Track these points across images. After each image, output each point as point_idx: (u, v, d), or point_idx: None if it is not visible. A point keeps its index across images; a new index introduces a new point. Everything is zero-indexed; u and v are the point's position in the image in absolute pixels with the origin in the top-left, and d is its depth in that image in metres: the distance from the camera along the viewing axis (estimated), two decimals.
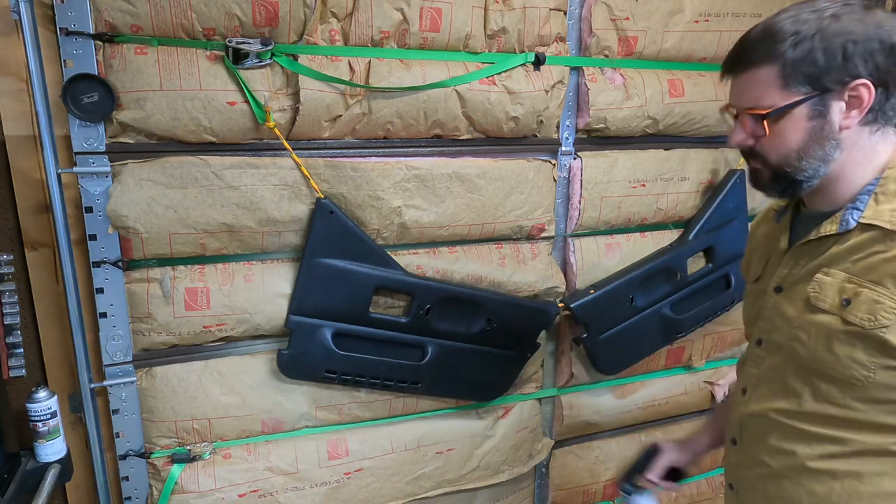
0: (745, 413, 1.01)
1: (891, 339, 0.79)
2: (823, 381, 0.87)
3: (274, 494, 1.53)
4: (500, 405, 1.81)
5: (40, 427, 1.30)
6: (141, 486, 1.49)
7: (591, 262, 1.78)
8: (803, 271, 0.91)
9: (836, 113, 0.83)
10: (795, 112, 0.83)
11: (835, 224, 0.87)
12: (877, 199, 0.84)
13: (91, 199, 1.31)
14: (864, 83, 0.80)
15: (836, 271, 0.85)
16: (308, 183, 1.42)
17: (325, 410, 1.59)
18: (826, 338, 0.85)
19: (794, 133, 0.84)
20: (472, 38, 1.49)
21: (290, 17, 1.31)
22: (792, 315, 0.91)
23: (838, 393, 0.86)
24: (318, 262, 1.44)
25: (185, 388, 1.44)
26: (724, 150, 1.87)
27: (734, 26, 1.75)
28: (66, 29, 1.20)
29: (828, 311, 0.85)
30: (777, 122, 0.84)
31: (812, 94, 0.82)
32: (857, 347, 0.82)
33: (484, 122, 1.54)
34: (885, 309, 0.79)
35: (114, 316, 1.38)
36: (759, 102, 0.85)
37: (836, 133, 0.84)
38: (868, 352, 0.81)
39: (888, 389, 0.82)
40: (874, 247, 0.82)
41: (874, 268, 0.81)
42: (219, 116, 1.31)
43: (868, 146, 0.85)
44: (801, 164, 0.85)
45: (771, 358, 0.97)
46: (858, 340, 0.82)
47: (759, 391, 0.99)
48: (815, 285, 0.87)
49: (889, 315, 0.79)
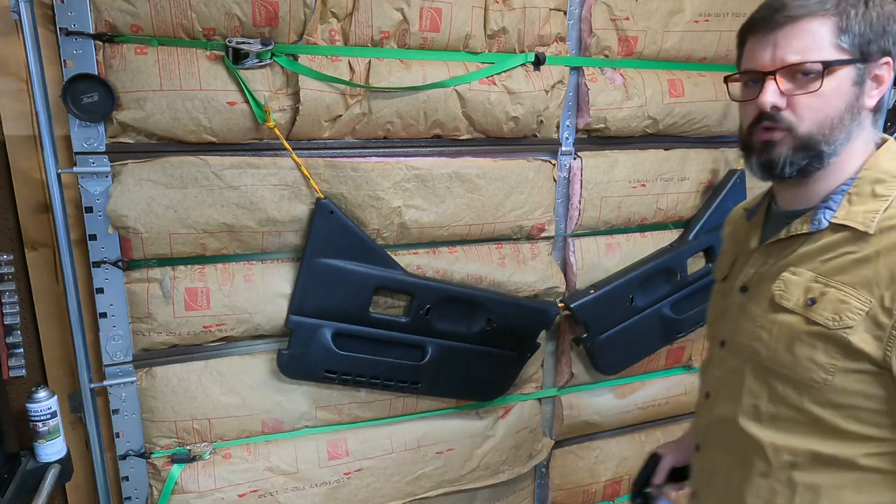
0: (709, 418, 0.99)
1: (854, 340, 0.77)
2: (781, 382, 0.85)
3: (274, 494, 1.53)
4: (500, 405, 1.81)
5: (40, 427, 1.30)
6: (141, 486, 1.49)
7: (591, 262, 1.78)
8: (771, 270, 0.89)
9: (868, 87, 0.81)
10: (844, 72, 0.79)
11: (806, 223, 0.85)
12: (850, 200, 0.82)
13: (91, 199, 1.31)
14: (891, 62, 0.80)
15: (804, 270, 0.83)
16: (308, 183, 1.42)
17: (325, 410, 1.59)
18: (788, 338, 0.83)
19: (838, 96, 0.80)
20: (472, 38, 1.49)
21: (290, 17, 1.31)
22: (756, 314, 0.89)
23: (795, 395, 0.83)
24: (318, 262, 1.44)
25: (185, 388, 1.44)
26: (724, 150, 1.87)
27: (734, 26, 1.74)
28: (66, 29, 1.20)
29: (792, 310, 0.83)
30: (825, 79, 0.79)
31: (859, 56, 0.79)
32: (817, 349, 0.80)
33: (484, 122, 1.54)
34: (851, 309, 0.77)
35: (114, 316, 1.38)
36: (807, 55, 0.79)
37: (862, 109, 0.82)
38: (829, 353, 0.79)
39: (846, 394, 0.80)
40: (845, 247, 0.80)
41: (844, 268, 0.79)
42: (219, 116, 1.31)
43: (867, 136, 0.84)
44: (830, 134, 0.81)
45: (733, 359, 0.94)
46: (820, 341, 0.80)
47: (722, 394, 0.96)
48: (780, 284, 0.85)
49: (854, 316, 0.77)
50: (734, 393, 0.92)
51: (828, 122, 0.81)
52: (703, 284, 1.87)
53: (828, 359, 0.79)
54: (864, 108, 0.82)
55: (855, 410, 0.80)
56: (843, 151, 0.82)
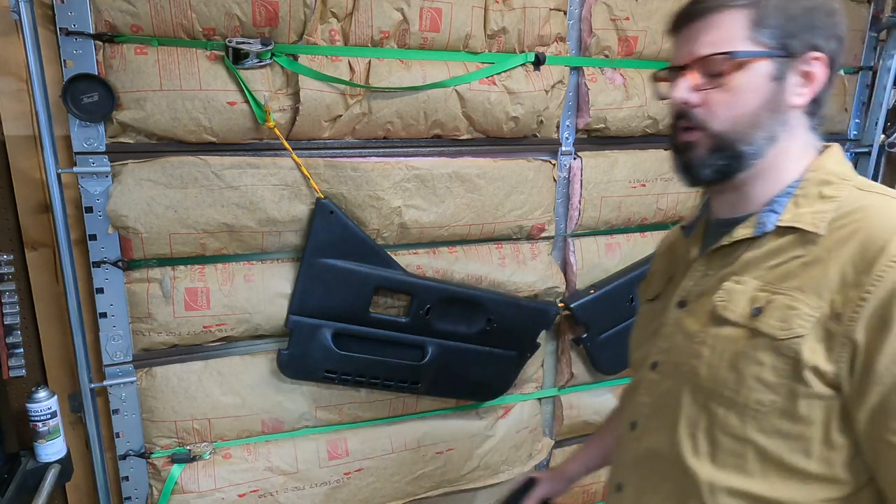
0: (636, 452, 0.87)
1: (804, 351, 0.68)
2: (722, 406, 0.75)
3: (274, 494, 1.53)
4: (500, 405, 1.81)
5: (40, 427, 1.30)
6: (141, 486, 1.49)
7: (591, 262, 1.78)
8: (711, 281, 0.81)
9: (792, 84, 0.74)
10: (758, 66, 0.73)
11: (749, 227, 0.78)
12: (796, 203, 0.76)
13: (91, 199, 1.31)
14: (823, 58, 0.74)
15: (749, 279, 0.76)
16: (308, 183, 1.42)
17: (325, 410, 1.59)
18: (731, 354, 0.75)
19: (751, 92, 0.74)
20: (472, 38, 1.49)
21: (290, 17, 1.31)
22: (694, 330, 0.80)
23: (738, 421, 0.74)
24: (318, 262, 1.44)
25: (185, 388, 1.44)
26: None
27: None
28: (66, 29, 1.20)
29: (735, 322, 0.75)
30: (736, 73, 0.73)
31: (778, 50, 0.73)
32: (764, 364, 0.71)
33: (484, 122, 1.54)
34: (801, 316, 0.69)
35: (114, 316, 1.38)
36: (717, 48, 0.74)
37: (785, 107, 0.75)
38: (777, 369, 0.70)
39: (795, 419, 0.70)
40: (793, 251, 0.74)
41: (792, 273, 0.72)
42: (219, 116, 1.31)
43: (801, 140, 0.78)
44: (747, 132, 0.75)
45: (668, 382, 0.84)
46: (767, 355, 0.71)
47: (653, 424, 0.85)
48: (722, 294, 0.77)
49: (804, 323, 0.69)
50: (668, 421, 0.82)
51: (742, 119, 0.75)
52: None
53: (775, 376, 0.71)
54: (789, 106, 0.75)
55: (805, 442, 0.70)
56: (771, 153, 0.76)
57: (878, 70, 2.01)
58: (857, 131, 2.08)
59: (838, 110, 2.00)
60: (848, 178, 0.76)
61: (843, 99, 1.99)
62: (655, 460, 0.84)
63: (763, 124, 0.75)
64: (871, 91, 2.04)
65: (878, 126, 2.02)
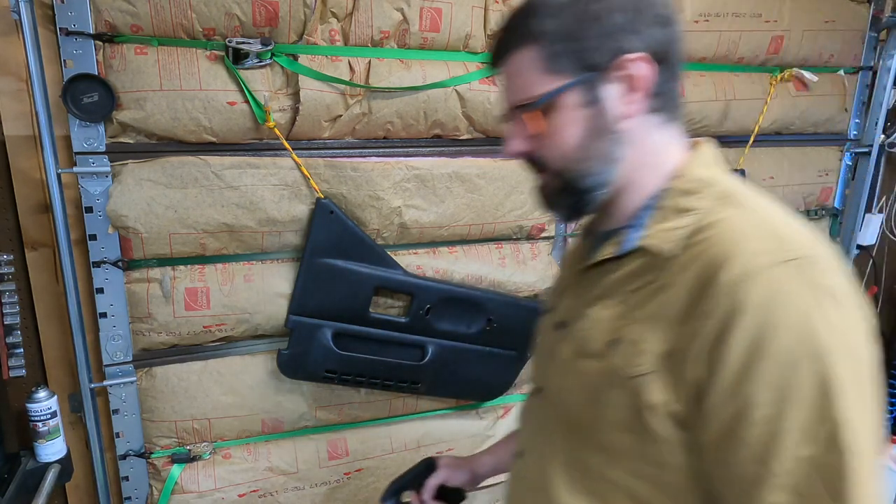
0: (521, 485, 0.82)
1: (649, 391, 0.62)
2: (590, 445, 0.69)
3: (274, 494, 1.53)
4: (500, 405, 1.81)
5: (40, 427, 1.30)
6: (141, 486, 1.49)
7: None
8: (581, 303, 0.73)
9: (613, 98, 0.66)
10: (566, 99, 0.67)
11: (613, 246, 0.70)
12: (656, 218, 0.67)
13: (91, 199, 1.31)
14: (642, 57, 0.65)
15: (612, 304, 0.68)
16: (308, 183, 1.42)
17: (325, 410, 1.59)
18: (592, 388, 0.68)
19: (570, 126, 0.67)
20: (472, 38, 1.49)
21: (290, 17, 1.31)
22: (566, 358, 0.73)
23: (603, 460, 0.68)
24: (318, 262, 1.44)
25: (185, 388, 1.44)
26: (724, 150, 1.87)
27: (734, 26, 1.75)
28: (66, 29, 1.20)
29: (594, 354, 0.68)
30: (550, 114, 0.68)
31: (580, 75, 0.66)
32: (617, 405, 0.65)
33: (484, 122, 1.54)
34: (645, 351, 0.62)
35: (114, 316, 1.38)
36: (526, 93, 0.68)
37: (616, 124, 0.67)
38: (630, 410, 0.64)
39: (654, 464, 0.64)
40: (647, 274, 0.65)
41: (644, 301, 0.65)
42: (219, 116, 1.31)
43: (657, 144, 0.70)
44: (583, 166, 0.69)
45: (547, 411, 0.78)
46: (619, 394, 0.65)
47: (534, 455, 0.80)
48: (586, 322, 0.71)
49: (648, 359, 0.62)
50: (544, 454, 0.76)
51: (571, 155, 0.68)
52: None
53: (628, 416, 0.64)
54: (622, 119, 0.67)
55: (675, 489, 0.64)
56: (622, 171, 0.69)
57: (878, 70, 2.01)
58: (857, 131, 2.08)
59: (838, 110, 2.00)
60: (713, 184, 0.67)
61: (843, 99, 1.99)
62: (535, 496, 0.78)
63: (596, 152, 0.68)
64: (871, 91, 2.03)
65: (878, 126, 2.02)
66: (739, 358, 0.56)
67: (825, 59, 1.93)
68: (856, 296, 0.59)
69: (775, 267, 0.57)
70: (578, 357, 0.71)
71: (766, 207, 0.64)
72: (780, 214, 0.64)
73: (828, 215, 2.13)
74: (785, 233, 0.60)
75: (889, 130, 2.12)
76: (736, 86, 1.80)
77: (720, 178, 0.68)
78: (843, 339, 0.56)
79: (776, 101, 1.87)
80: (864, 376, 0.57)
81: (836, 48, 1.93)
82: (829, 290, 0.56)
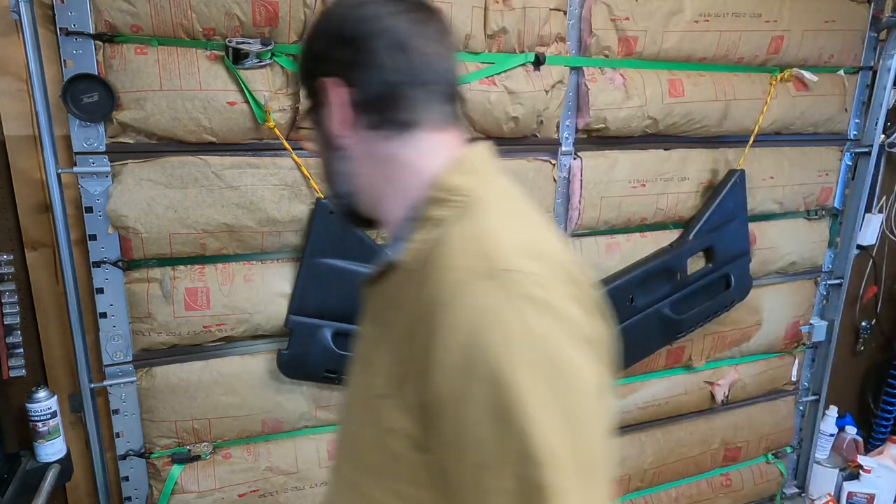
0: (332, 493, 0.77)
1: (386, 412, 0.59)
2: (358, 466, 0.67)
3: (274, 494, 1.53)
4: None
5: (40, 427, 1.30)
6: (141, 486, 1.49)
7: (591, 262, 1.77)
8: (364, 320, 0.73)
9: (327, 119, 0.69)
10: (312, 118, 0.74)
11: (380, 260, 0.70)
12: (418, 227, 0.64)
13: (91, 199, 1.31)
14: (332, 81, 0.67)
15: (376, 321, 0.68)
16: (308, 183, 1.42)
17: (325, 410, 1.59)
18: (357, 405, 0.67)
19: (316, 143, 0.75)
20: (472, 38, 1.49)
21: (290, 17, 1.31)
22: (350, 375, 0.73)
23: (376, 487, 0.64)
24: (318, 262, 1.44)
25: (184, 388, 1.44)
26: (724, 150, 1.87)
27: (734, 26, 1.75)
28: (66, 29, 1.20)
29: (358, 372, 0.69)
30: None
31: (309, 97, 0.73)
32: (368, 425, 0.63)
33: (484, 123, 1.54)
34: (378, 374, 0.61)
35: (114, 316, 1.38)
36: None
37: (336, 141, 0.69)
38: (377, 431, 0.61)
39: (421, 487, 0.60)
40: (396, 290, 0.64)
41: (389, 320, 0.63)
42: (219, 116, 1.31)
43: (390, 157, 0.68)
44: (329, 179, 0.74)
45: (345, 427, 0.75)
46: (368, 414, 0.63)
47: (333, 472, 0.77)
48: (359, 340, 0.71)
49: (379, 382, 0.60)
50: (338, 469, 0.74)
51: (321, 168, 0.75)
52: (704, 284, 1.87)
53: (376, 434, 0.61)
54: (340, 138, 0.69)
55: None
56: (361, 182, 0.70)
57: (878, 70, 2.01)
58: (857, 131, 2.08)
59: (838, 110, 2.00)
60: (464, 192, 0.63)
61: (842, 99, 1.99)
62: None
63: (330, 167, 0.73)
64: (871, 91, 2.04)
65: (878, 126, 2.02)
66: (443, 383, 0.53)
67: (825, 59, 1.93)
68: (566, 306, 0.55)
69: (472, 283, 0.54)
70: (353, 375, 0.72)
71: (495, 218, 0.60)
72: (507, 225, 0.60)
73: (828, 215, 2.13)
74: (492, 247, 0.56)
75: (889, 130, 2.12)
76: (736, 86, 1.80)
77: (475, 184, 0.64)
78: (532, 349, 0.52)
79: (776, 101, 1.87)
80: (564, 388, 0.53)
81: (836, 48, 1.93)
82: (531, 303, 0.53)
